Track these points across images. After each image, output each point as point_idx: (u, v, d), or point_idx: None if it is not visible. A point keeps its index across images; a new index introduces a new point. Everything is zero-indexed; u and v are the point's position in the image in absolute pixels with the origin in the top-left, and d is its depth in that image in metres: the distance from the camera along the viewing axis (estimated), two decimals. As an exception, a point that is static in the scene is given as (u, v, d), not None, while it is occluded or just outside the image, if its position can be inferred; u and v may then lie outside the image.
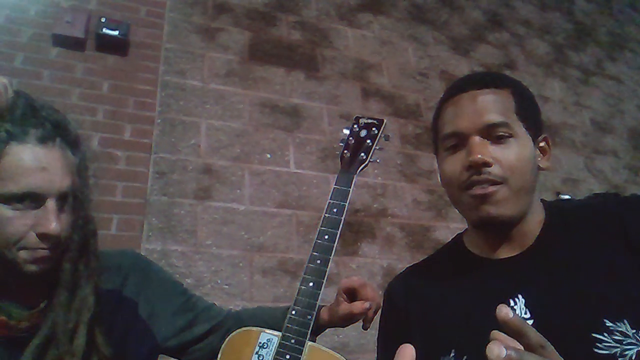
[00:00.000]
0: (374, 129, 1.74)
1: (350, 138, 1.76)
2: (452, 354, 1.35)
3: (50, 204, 1.31)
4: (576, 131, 5.71)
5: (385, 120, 1.76)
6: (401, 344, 1.50)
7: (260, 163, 3.95)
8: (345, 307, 1.67)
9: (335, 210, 1.61)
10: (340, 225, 1.59)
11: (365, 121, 1.77)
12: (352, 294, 1.71)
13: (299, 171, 4.05)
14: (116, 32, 3.78)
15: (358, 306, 1.64)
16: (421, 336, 1.47)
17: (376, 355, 1.68)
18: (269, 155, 4.01)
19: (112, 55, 3.84)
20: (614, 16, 7.29)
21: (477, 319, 1.34)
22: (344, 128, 1.79)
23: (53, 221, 1.29)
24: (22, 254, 1.30)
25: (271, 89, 4.32)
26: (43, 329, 1.35)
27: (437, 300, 1.49)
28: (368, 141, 1.72)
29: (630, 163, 5.84)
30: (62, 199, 1.34)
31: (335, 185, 1.67)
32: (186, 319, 1.72)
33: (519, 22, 6.32)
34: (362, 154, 1.70)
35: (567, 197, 4.94)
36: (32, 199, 1.30)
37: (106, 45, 3.81)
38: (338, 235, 1.57)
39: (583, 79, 6.26)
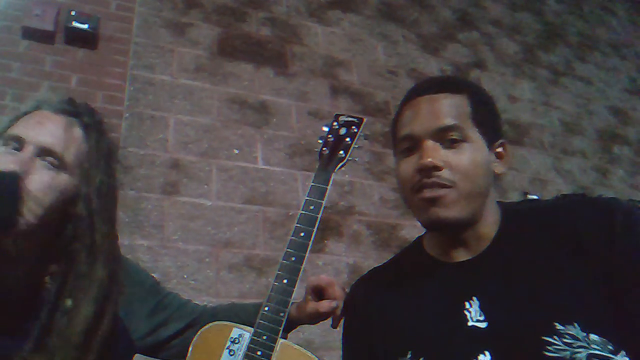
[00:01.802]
0: (353, 127, 1.76)
1: (330, 135, 1.77)
2: (409, 356, 1.39)
3: (27, 149, 1.42)
4: (545, 131, 5.74)
5: (365, 119, 1.78)
6: (363, 346, 1.60)
7: (228, 159, 3.99)
8: (312, 305, 1.69)
9: (312, 207, 1.64)
10: (317, 223, 1.62)
11: (345, 119, 1.78)
12: (319, 293, 1.73)
13: (266, 167, 4.09)
14: (86, 26, 3.80)
15: (325, 305, 1.67)
16: (380, 338, 1.53)
17: (341, 355, 1.71)
18: (236, 151, 4.05)
19: (81, 49, 3.85)
20: (584, 17, 7.31)
21: (434, 321, 1.42)
22: (324, 125, 1.80)
23: (15, 161, 1.38)
24: None
25: (240, 84, 4.36)
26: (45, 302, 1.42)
27: (396, 303, 1.53)
28: (347, 139, 1.73)
29: (598, 164, 5.86)
30: (42, 152, 1.43)
31: (312, 182, 1.70)
32: (161, 318, 1.74)
33: (489, 22, 6.36)
34: (341, 152, 1.72)
35: (534, 197, 4.97)
36: (18, 143, 1.43)
37: (76, 38, 3.83)
38: (314, 233, 1.60)
39: (552, 79, 6.30)
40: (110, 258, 1.50)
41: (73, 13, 3.80)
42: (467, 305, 1.36)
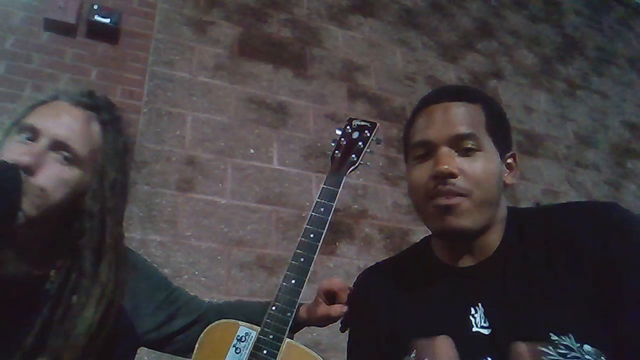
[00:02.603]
0: (366, 131, 1.75)
1: (342, 139, 1.76)
2: (412, 354, 1.39)
3: (42, 141, 1.39)
4: (559, 143, 5.68)
5: (378, 124, 1.77)
6: (369, 339, 1.57)
7: (243, 158, 3.97)
8: (323, 308, 1.70)
9: (322, 209, 1.63)
10: (327, 225, 1.61)
11: (359, 123, 1.78)
12: (331, 296, 1.73)
13: (281, 168, 4.07)
14: (108, 20, 3.80)
15: (336, 309, 1.68)
16: (385, 334, 1.52)
17: (347, 343, 1.71)
18: (252, 151, 4.02)
19: (102, 43, 3.85)
20: (603, 31, 7.27)
21: (439, 323, 1.41)
22: (337, 129, 1.79)
23: (28, 153, 1.35)
24: None
25: (258, 85, 4.34)
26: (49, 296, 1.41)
27: (402, 301, 1.53)
28: (360, 143, 1.73)
29: (611, 178, 5.80)
30: (56, 146, 1.40)
31: (324, 184, 1.68)
32: (167, 313, 1.74)
33: (508, 32, 6.31)
34: (353, 156, 1.71)
35: None
36: (33, 133, 1.40)
37: (97, 32, 3.83)
38: (324, 235, 1.59)
39: (569, 91, 6.24)
40: (117, 257, 1.47)
41: (95, 7, 3.80)
42: (472, 311, 1.37)
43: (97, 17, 3.78)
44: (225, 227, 3.68)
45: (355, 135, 1.75)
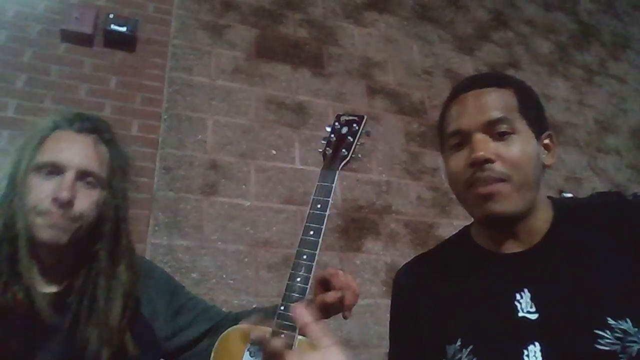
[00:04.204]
0: (354, 125, 1.73)
1: (332, 135, 1.74)
2: (458, 343, 1.37)
3: (69, 174, 1.48)
4: (579, 130, 5.68)
5: (365, 117, 1.75)
6: (410, 333, 1.46)
7: (265, 159, 3.93)
8: (319, 298, 1.68)
9: (319, 206, 1.60)
10: (325, 221, 1.57)
11: (346, 118, 1.76)
12: (325, 284, 1.72)
13: (304, 167, 4.02)
14: (124, 29, 3.75)
15: (331, 296, 1.65)
16: (428, 325, 1.51)
17: (389, 338, 1.70)
18: (274, 152, 3.98)
19: (119, 51, 3.80)
20: (617, 17, 7.27)
21: (484, 310, 1.39)
22: (326, 126, 1.78)
23: (65, 188, 1.45)
24: (38, 220, 1.44)
25: (277, 85, 4.29)
26: (72, 308, 1.50)
27: (445, 291, 1.51)
28: (349, 138, 1.71)
29: (633, 162, 5.83)
30: (82, 175, 1.51)
31: (318, 182, 1.66)
32: (186, 320, 1.77)
33: (523, 22, 6.30)
34: (344, 150, 1.69)
35: (569, 195, 4.93)
36: (54, 168, 1.49)
37: (114, 41, 3.78)
38: (323, 230, 1.55)
39: (586, 78, 6.24)
40: (131, 257, 1.62)
41: (111, 16, 3.75)
42: (517, 296, 1.34)
43: (113, 26, 3.73)
44: (250, 229, 3.64)
45: (344, 130, 1.73)
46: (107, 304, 1.49)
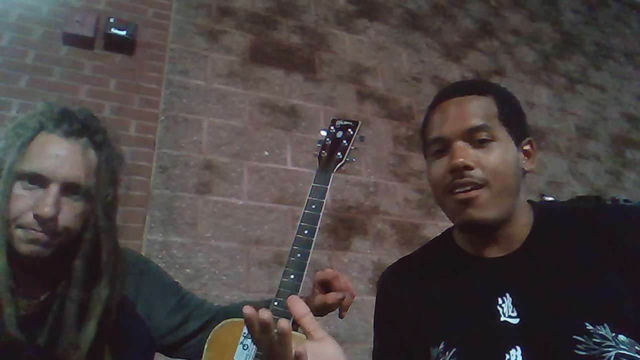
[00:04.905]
0: (349, 130, 1.75)
1: (327, 139, 1.76)
2: (441, 346, 1.37)
3: (53, 188, 1.36)
4: (561, 136, 5.70)
5: (360, 122, 1.78)
6: (394, 333, 1.55)
7: (258, 160, 3.96)
8: (320, 298, 1.70)
9: (314, 206, 1.62)
10: (319, 221, 1.59)
11: (342, 123, 1.78)
12: (326, 286, 1.74)
13: (295, 169, 4.06)
14: (124, 32, 3.79)
15: (332, 297, 1.68)
16: (412, 327, 1.50)
17: (373, 340, 1.69)
18: (267, 153, 4.01)
19: (119, 54, 3.83)
20: (599, 27, 7.28)
21: (466, 314, 1.39)
22: (321, 130, 1.79)
23: (49, 204, 1.33)
24: (18, 232, 1.34)
25: (271, 89, 4.32)
26: (49, 320, 1.41)
27: (429, 294, 1.50)
28: (344, 142, 1.73)
29: (612, 168, 5.83)
30: (67, 188, 1.39)
31: (313, 183, 1.68)
32: (181, 317, 1.75)
33: (508, 31, 6.32)
34: (339, 154, 1.71)
35: (550, 198, 4.95)
36: (38, 181, 1.36)
37: (114, 44, 3.81)
38: (317, 230, 1.57)
39: (569, 86, 6.26)
40: (115, 274, 1.49)
41: (112, 20, 3.78)
42: (499, 301, 1.34)
43: (113, 30, 3.76)
44: (243, 227, 3.67)
45: (340, 134, 1.75)
46: (78, 324, 1.39)
